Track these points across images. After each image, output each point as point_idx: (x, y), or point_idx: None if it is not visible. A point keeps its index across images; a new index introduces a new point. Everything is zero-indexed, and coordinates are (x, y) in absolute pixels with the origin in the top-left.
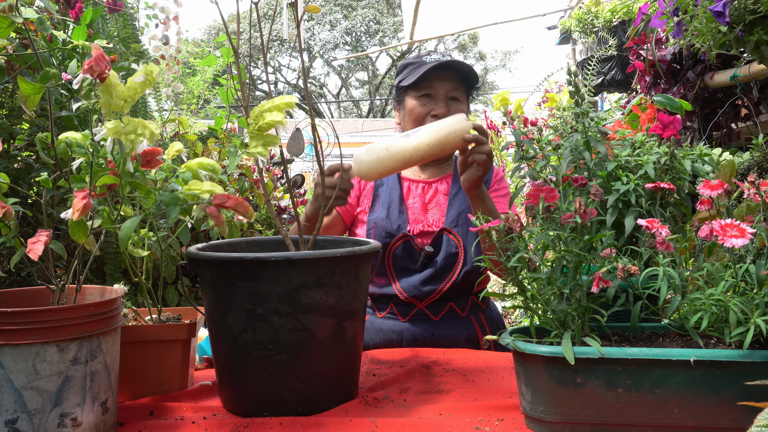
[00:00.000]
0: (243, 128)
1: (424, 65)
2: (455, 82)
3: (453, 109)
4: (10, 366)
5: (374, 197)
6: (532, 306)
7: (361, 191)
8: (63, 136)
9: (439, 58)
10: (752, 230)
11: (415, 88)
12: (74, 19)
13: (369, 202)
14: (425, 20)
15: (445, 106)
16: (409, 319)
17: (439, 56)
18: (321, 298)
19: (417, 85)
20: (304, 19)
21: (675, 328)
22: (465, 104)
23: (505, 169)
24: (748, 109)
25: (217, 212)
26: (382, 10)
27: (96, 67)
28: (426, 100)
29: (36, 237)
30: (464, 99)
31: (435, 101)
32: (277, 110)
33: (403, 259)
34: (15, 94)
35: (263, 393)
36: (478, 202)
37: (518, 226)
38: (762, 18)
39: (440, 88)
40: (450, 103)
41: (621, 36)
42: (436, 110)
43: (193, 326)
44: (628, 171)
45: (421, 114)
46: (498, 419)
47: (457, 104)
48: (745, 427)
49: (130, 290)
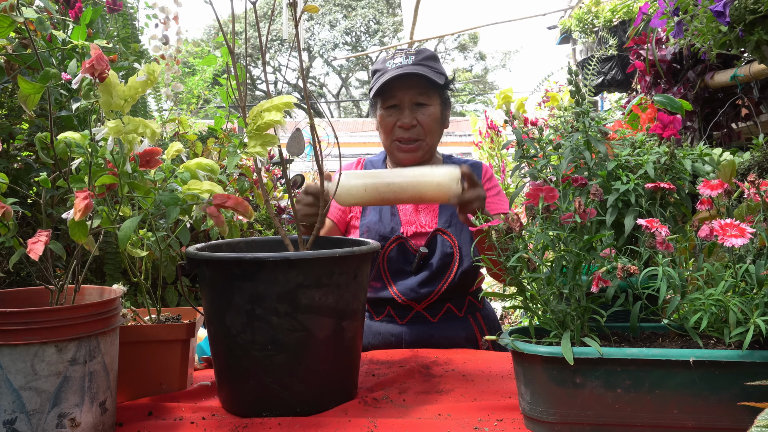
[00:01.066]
0: (242, 128)
1: (385, 72)
2: (419, 87)
3: (419, 114)
4: (9, 366)
5: None
6: (531, 306)
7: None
8: (62, 136)
9: (401, 62)
10: (752, 230)
11: (381, 98)
12: (74, 18)
13: (360, 207)
14: (425, 20)
15: (410, 115)
16: (407, 321)
17: (402, 59)
18: (320, 298)
19: (382, 95)
20: (303, 19)
21: (674, 328)
22: (435, 105)
23: (505, 169)
24: (749, 109)
25: (216, 212)
26: (382, 9)
27: (96, 66)
28: (392, 110)
29: (36, 237)
30: (434, 99)
31: (400, 110)
32: (276, 110)
33: (398, 262)
34: (15, 94)
35: (262, 393)
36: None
37: (518, 225)
38: (762, 18)
39: (404, 97)
40: (416, 110)
41: (621, 36)
42: (402, 120)
43: (192, 326)
44: (628, 171)
45: (389, 125)
46: (497, 419)
47: (424, 108)
48: (744, 427)
49: (129, 290)
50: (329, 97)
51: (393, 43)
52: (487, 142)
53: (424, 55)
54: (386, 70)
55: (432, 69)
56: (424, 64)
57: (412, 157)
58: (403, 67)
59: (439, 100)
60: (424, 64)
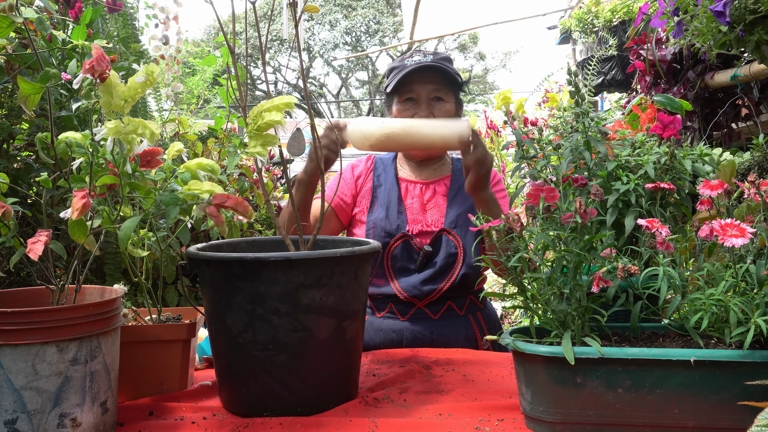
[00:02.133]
0: (243, 128)
1: (404, 69)
2: (437, 83)
3: (437, 109)
4: (10, 366)
5: (372, 198)
6: (532, 306)
7: (359, 191)
8: (63, 136)
9: (420, 60)
10: (752, 230)
11: (398, 93)
12: (74, 18)
13: (367, 203)
14: (425, 20)
15: (427, 109)
16: (408, 318)
17: (421, 57)
18: (321, 298)
19: (399, 90)
20: (303, 19)
21: (675, 328)
22: (451, 103)
23: (505, 169)
24: (749, 109)
25: (216, 212)
26: (382, 10)
27: (97, 67)
28: (409, 105)
29: (36, 237)
30: (450, 97)
31: (417, 105)
32: (276, 110)
33: (402, 259)
34: (15, 94)
35: (263, 393)
36: (483, 206)
37: (518, 226)
38: (762, 18)
39: (422, 91)
40: (433, 104)
41: (621, 36)
42: (419, 113)
43: (192, 326)
44: (628, 171)
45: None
46: (498, 419)
47: (441, 104)
48: (745, 427)
49: (129, 290)
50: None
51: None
52: (486, 143)
53: (442, 56)
54: (405, 66)
55: (449, 68)
56: (442, 63)
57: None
58: (422, 63)
59: (454, 99)
60: (442, 63)
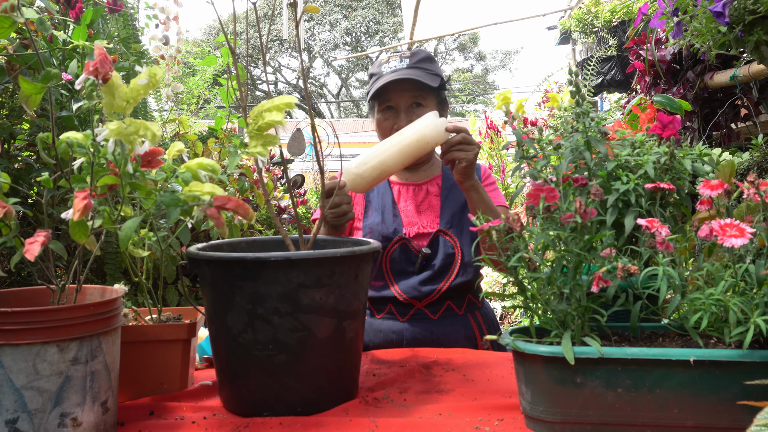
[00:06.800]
0: (243, 128)
1: (381, 77)
2: (414, 90)
3: (417, 114)
4: (11, 366)
5: (366, 203)
6: (532, 306)
7: (353, 199)
8: (64, 136)
9: (396, 66)
10: (752, 230)
11: (378, 100)
12: (74, 19)
13: (362, 209)
14: (425, 20)
15: (407, 118)
16: (408, 318)
17: (397, 62)
18: (321, 298)
19: (378, 98)
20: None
21: (675, 328)
22: (432, 105)
23: (505, 169)
24: (748, 109)
25: (217, 214)
26: (382, 10)
27: (101, 68)
28: (389, 114)
29: (34, 237)
30: (430, 100)
31: (397, 113)
32: (277, 110)
33: (401, 262)
34: (16, 95)
35: (263, 393)
36: (472, 193)
37: (518, 225)
38: (761, 18)
39: (399, 100)
40: (413, 111)
41: (621, 36)
42: (398, 123)
43: (193, 326)
44: (628, 171)
45: (386, 127)
46: (498, 419)
47: (421, 109)
48: (744, 426)
49: (130, 290)
50: (329, 98)
51: (393, 43)
52: (486, 143)
53: (419, 57)
54: (382, 74)
55: (426, 71)
56: (418, 66)
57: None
58: (397, 71)
59: (435, 101)
60: (418, 66)
